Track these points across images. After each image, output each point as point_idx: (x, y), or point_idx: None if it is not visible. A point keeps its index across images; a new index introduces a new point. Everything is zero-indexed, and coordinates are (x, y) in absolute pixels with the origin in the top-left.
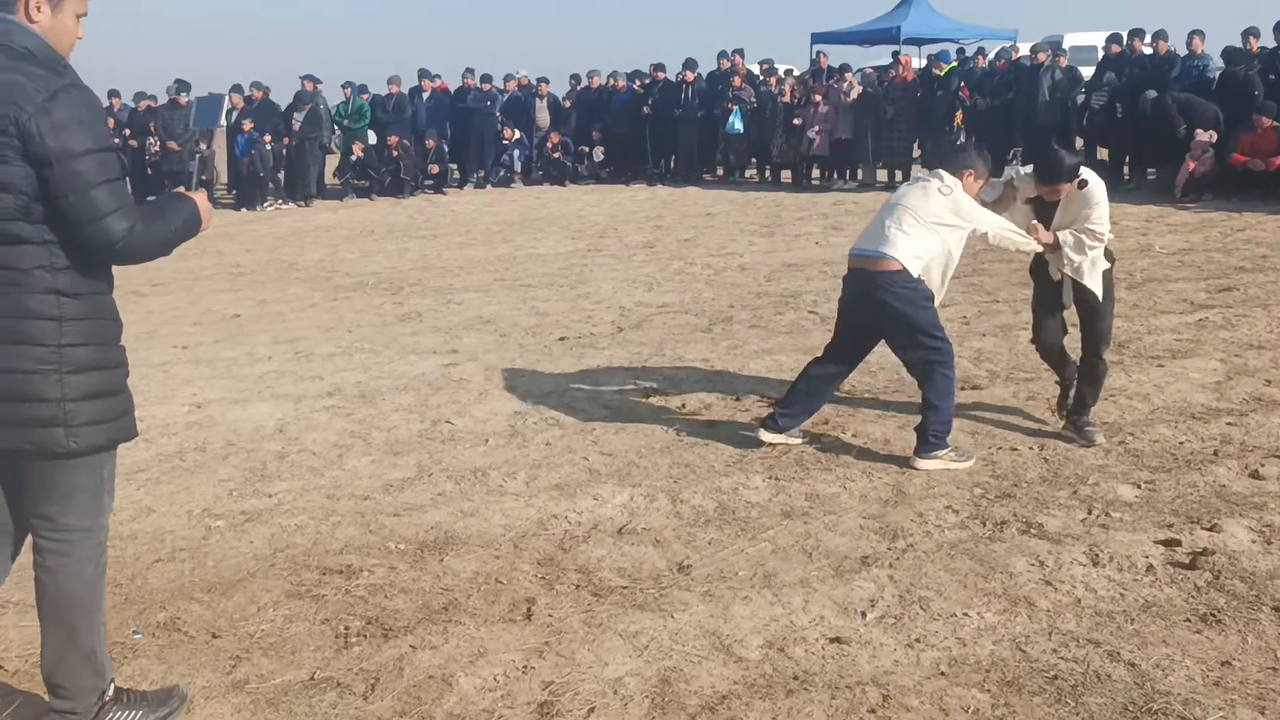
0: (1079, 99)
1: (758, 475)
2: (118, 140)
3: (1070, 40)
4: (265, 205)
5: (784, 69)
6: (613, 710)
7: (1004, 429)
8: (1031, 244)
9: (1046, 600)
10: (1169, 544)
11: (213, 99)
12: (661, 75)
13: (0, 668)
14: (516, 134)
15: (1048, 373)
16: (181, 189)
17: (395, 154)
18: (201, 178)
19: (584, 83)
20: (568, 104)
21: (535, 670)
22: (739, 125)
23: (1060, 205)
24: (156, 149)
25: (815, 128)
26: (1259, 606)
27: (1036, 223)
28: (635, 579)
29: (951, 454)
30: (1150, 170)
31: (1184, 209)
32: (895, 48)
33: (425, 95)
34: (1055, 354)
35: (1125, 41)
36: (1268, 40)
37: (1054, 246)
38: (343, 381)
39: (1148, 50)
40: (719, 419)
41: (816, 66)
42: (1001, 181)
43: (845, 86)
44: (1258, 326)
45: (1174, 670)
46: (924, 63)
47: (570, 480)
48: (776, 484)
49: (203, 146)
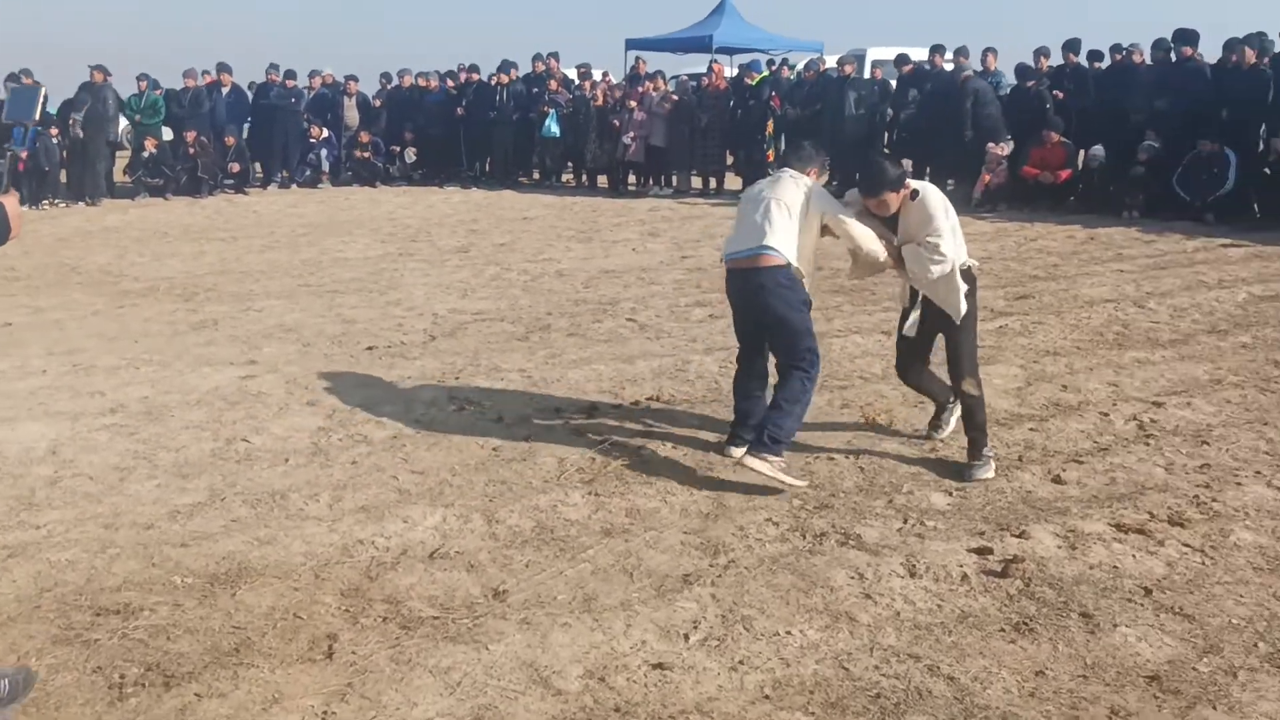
0: (888, 112)
1: (577, 491)
2: None
3: (873, 54)
4: (46, 203)
5: (600, 73)
6: None
7: (820, 437)
8: (884, 253)
9: (867, 614)
10: (981, 552)
11: (27, 90)
12: (475, 77)
13: None
14: (324, 133)
15: (862, 380)
16: None
17: (192, 151)
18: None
19: (395, 82)
20: (378, 103)
21: (336, 715)
22: (555, 129)
23: (900, 219)
24: None
25: (630, 133)
26: (1067, 613)
27: (886, 232)
28: (447, 608)
29: (782, 464)
30: (949, 181)
31: (981, 219)
32: (709, 56)
33: (225, 90)
34: (912, 380)
35: (928, 57)
36: (1057, 59)
37: (899, 262)
38: (126, 397)
39: (948, 66)
40: (537, 432)
41: (635, 72)
42: (846, 202)
43: (659, 94)
44: (1053, 333)
45: (992, 683)
46: (736, 72)
47: (378, 501)
48: (596, 500)
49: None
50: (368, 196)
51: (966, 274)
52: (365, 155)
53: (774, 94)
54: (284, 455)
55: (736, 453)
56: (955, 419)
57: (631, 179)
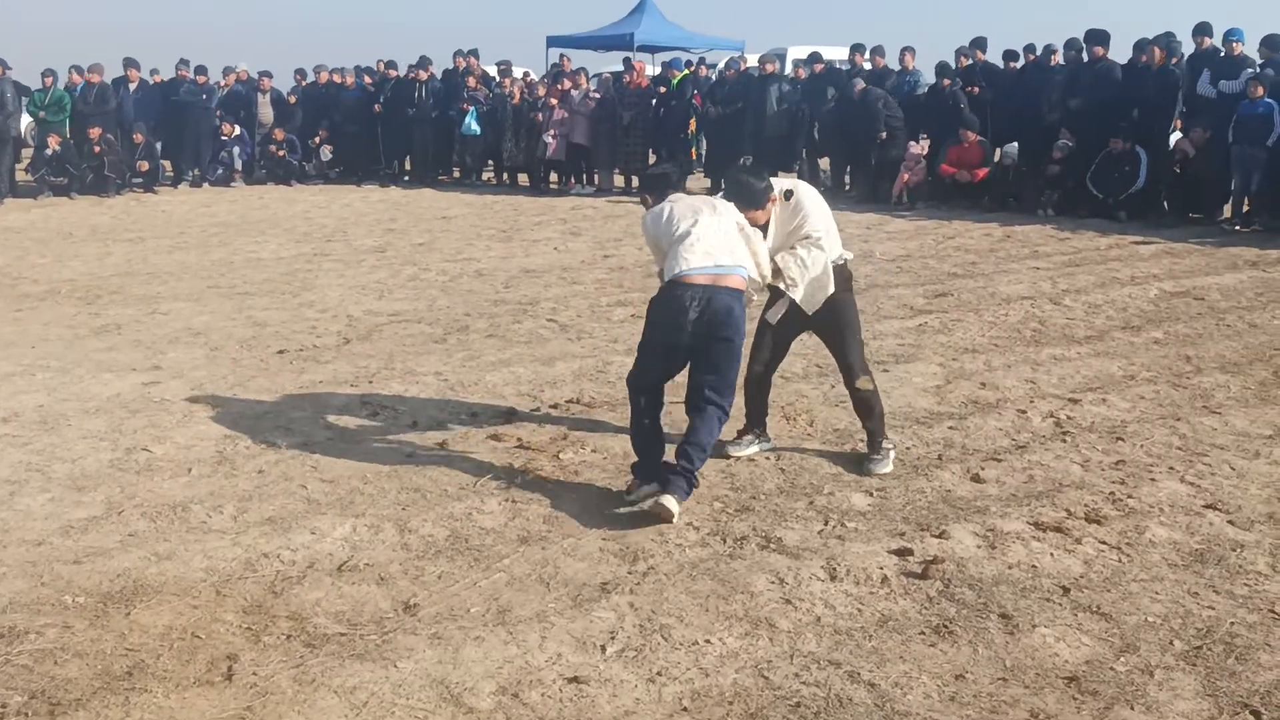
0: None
1: (493, 498)
2: None
3: (794, 53)
4: None
5: (521, 71)
6: None
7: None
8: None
9: (787, 620)
10: (901, 553)
11: None
12: (393, 73)
13: None
14: (237, 130)
15: (783, 379)
16: None
17: (98, 149)
18: None
19: (310, 78)
20: (293, 100)
21: None
22: (475, 127)
23: (772, 224)
24: None
25: (551, 131)
26: (986, 615)
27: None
28: (355, 624)
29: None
30: (844, 180)
31: (900, 217)
32: (628, 54)
33: (133, 86)
34: (752, 384)
35: (848, 56)
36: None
37: (777, 273)
38: (20, 405)
39: (867, 65)
40: (453, 438)
41: (558, 69)
42: None
43: (581, 91)
44: (971, 330)
45: (912, 688)
46: (658, 70)
47: (285, 512)
48: (514, 507)
49: None
50: (282, 195)
51: (840, 270)
52: (280, 153)
53: (696, 92)
54: (187, 465)
55: (650, 491)
56: (754, 450)
57: (554, 178)
